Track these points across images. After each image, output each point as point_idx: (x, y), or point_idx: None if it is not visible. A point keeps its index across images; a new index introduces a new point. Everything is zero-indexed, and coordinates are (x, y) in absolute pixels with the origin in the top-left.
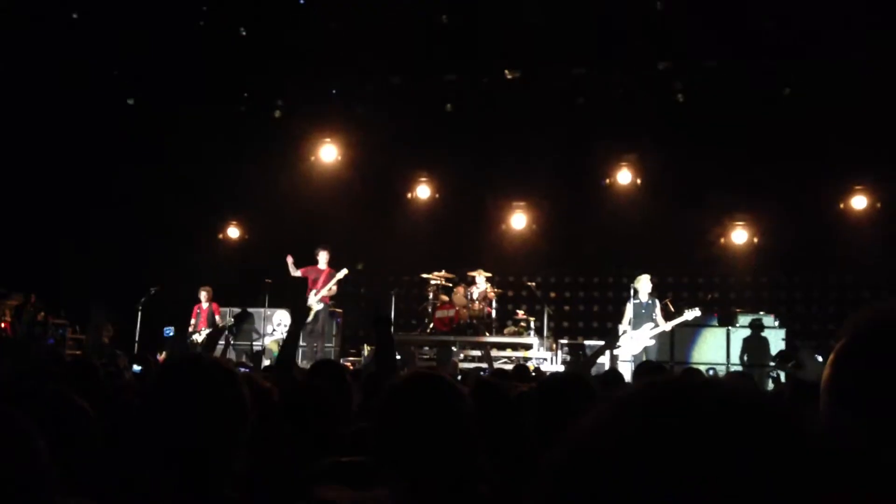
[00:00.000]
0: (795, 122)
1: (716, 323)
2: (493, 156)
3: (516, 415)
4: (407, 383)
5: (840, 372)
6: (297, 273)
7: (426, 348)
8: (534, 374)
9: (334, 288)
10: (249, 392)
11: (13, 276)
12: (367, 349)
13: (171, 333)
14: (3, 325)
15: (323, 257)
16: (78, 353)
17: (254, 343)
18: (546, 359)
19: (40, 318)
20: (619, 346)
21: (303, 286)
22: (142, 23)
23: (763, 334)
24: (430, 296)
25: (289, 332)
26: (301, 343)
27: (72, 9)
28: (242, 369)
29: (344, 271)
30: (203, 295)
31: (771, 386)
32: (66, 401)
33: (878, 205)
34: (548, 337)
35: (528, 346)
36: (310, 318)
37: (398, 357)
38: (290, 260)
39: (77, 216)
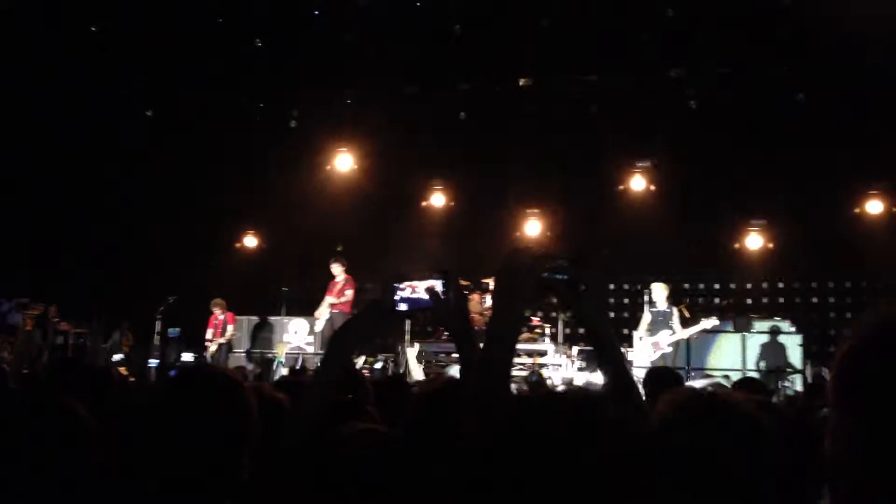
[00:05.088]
0: (809, 126)
1: (731, 329)
2: (506, 163)
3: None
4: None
5: (844, 373)
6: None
7: (442, 355)
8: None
9: (349, 294)
10: (257, 402)
11: (35, 287)
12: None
13: (177, 335)
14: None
15: (335, 269)
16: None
17: (266, 352)
18: (560, 365)
19: (61, 328)
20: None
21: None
22: (159, 35)
23: (780, 340)
24: None
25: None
26: (319, 351)
27: (90, 21)
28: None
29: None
30: (216, 309)
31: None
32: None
33: (894, 209)
34: (562, 343)
35: (542, 353)
36: (320, 328)
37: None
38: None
39: (97, 227)
